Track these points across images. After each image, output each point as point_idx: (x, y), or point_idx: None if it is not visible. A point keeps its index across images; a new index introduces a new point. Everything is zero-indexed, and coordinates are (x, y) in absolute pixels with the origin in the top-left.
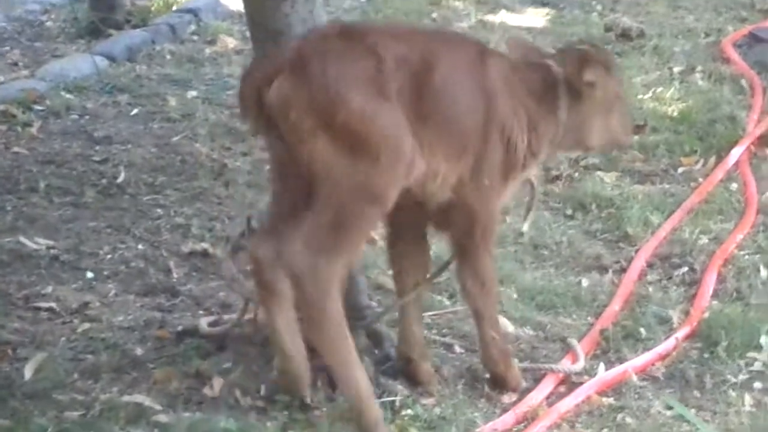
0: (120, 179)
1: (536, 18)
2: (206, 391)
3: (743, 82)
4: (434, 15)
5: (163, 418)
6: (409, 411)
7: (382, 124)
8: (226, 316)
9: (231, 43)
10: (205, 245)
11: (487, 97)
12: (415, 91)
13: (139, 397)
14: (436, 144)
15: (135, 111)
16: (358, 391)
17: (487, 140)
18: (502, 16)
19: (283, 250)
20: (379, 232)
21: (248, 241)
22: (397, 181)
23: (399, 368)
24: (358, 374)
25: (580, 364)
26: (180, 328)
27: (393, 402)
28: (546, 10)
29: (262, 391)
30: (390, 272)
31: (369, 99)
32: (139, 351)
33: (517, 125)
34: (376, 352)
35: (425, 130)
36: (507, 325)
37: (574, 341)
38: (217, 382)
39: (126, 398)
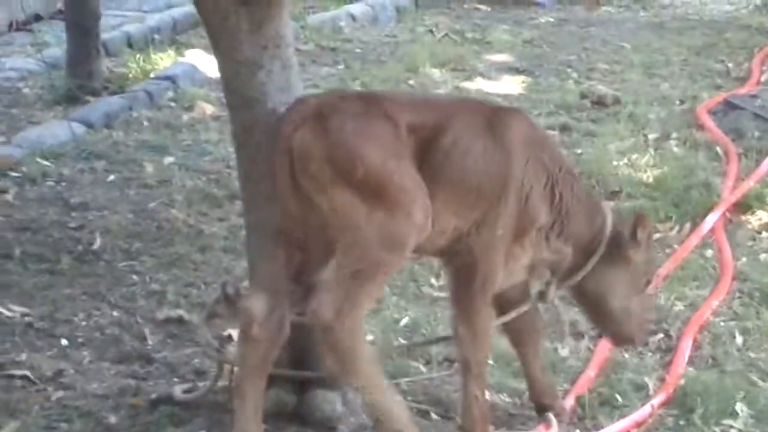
0: (96, 246)
1: (512, 85)
2: None
3: (718, 148)
4: (411, 82)
5: None
6: None
7: (399, 177)
8: (201, 383)
9: (208, 109)
10: (180, 312)
11: (502, 155)
12: (425, 154)
13: None
14: (449, 202)
15: (112, 177)
16: (402, 421)
17: (503, 195)
18: (479, 84)
19: (310, 304)
20: None
21: (223, 307)
22: (414, 229)
23: (536, 413)
24: (399, 407)
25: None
26: (154, 395)
27: None
28: (522, 77)
29: None
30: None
31: (386, 156)
32: (113, 419)
33: (536, 184)
34: (352, 420)
35: (436, 192)
36: None
37: (548, 414)
38: None
39: None
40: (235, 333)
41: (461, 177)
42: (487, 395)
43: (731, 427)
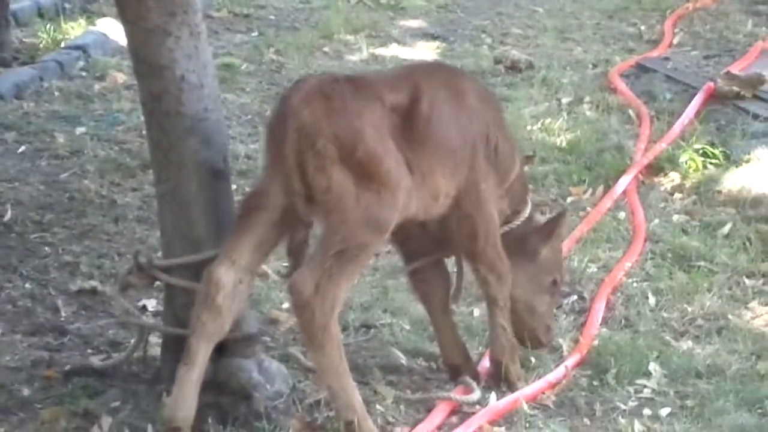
0: (6, 217)
1: (427, 51)
2: (95, 430)
3: (630, 111)
4: (326, 49)
5: None
6: None
7: (386, 163)
8: (115, 355)
9: (120, 78)
10: (94, 283)
11: (468, 115)
12: (408, 127)
13: None
14: (434, 166)
15: (22, 148)
16: (357, 407)
17: (477, 150)
18: (394, 50)
19: (291, 278)
20: (272, 266)
21: (136, 277)
22: (396, 214)
23: (450, 377)
24: (356, 393)
25: (476, 395)
26: (68, 367)
27: None
28: (436, 43)
29: (150, 430)
30: (283, 306)
31: (378, 139)
32: (26, 391)
33: (500, 134)
34: (268, 387)
35: (423, 158)
36: (399, 356)
37: (465, 377)
38: (106, 421)
39: None
40: (149, 303)
41: (441, 140)
42: (404, 360)
43: (645, 386)
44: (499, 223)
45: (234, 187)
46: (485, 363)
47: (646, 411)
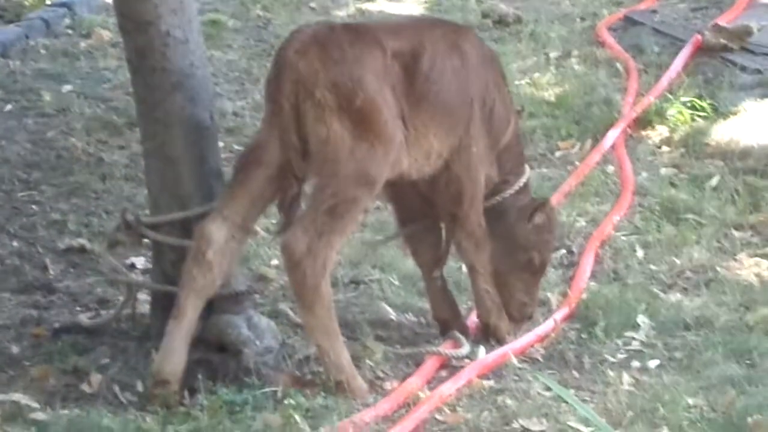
0: None
1: (414, 6)
2: (84, 387)
3: (618, 65)
4: (312, 5)
5: (40, 415)
6: (291, 401)
7: (385, 114)
8: (104, 312)
9: (106, 36)
10: (82, 241)
11: (468, 74)
12: (408, 79)
13: (16, 396)
14: (429, 124)
15: (8, 107)
16: (346, 366)
17: (473, 112)
18: (381, 5)
19: (284, 236)
20: (261, 223)
21: (124, 235)
22: (387, 169)
23: (440, 332)
24: (345, 352)
25: (465, 349)
26: (57, 325)
27: (275, 392)
28: None
29: (140, 386)
30: (272, 263)
31: (379, 88)
32: (15, 349)
33: (497, 97)
34: (257, 343)
35: (418, 114)
36: (389, 312)
37: (454, 332)
38: (95, 378)
39: (2, 397)
40: (137, 261)
41: (440, 98)
42: (393, 315)
43: (633, 338)
44: (485, 189)
45: (221, 144)
46: (474, 317)
47: (635, 363)
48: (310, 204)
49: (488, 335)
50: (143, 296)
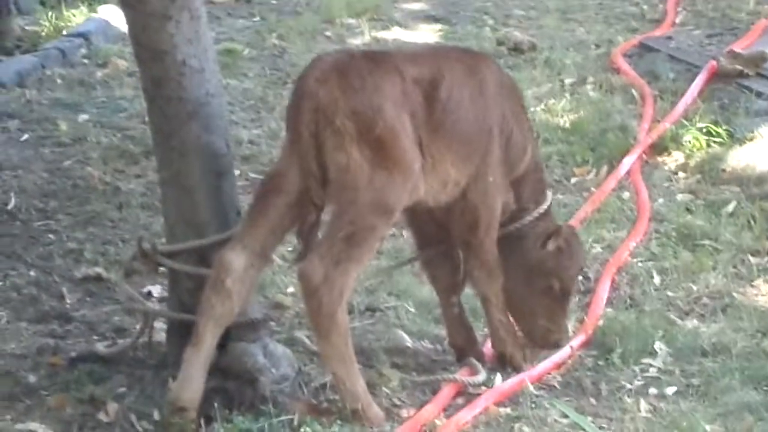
0: (11, 205)
1: (429, 34)
2: (101, 416)
3: (634, 91)
4: (328, 33)
5: None
6: (307, 429)
7: (404, 142)
8: (120, 341)
9: (122, 65)
10: (98, 270)
11: (486, 103)
12: (427, 108)
13: (33, 425)
14: (445, 153)
15: (25, 136)
16: (361, 394)
17: (491, 141)
18: (396, 33)
19: (301, 264)
20: (277, 251)
21: (140, 263)
22: (405, 197)
23: (456, 359)
24: (360, 380)
25: (482, 377)
26: (74, 353)
27: (291, 420)
28: (438, 25)
29: (156, 415)
30: (288, 290)
31: (398, 115)
32: (32, 378)
33: (515, 125)
34: (273, 371)
35: (435, 142)
36: (405, 339)
37: (471, 359)
38: (112, 407)
39: (20, 426)
40: (154, 289)
41: (457, 127)
42: (409, 342)
43: (650, 365)
44: (502, 216)
45: (237, 172)
46: (489, 344)
47: (652, 390)
48: (328, 231)
49: (504, 364)
50: (159, 324)
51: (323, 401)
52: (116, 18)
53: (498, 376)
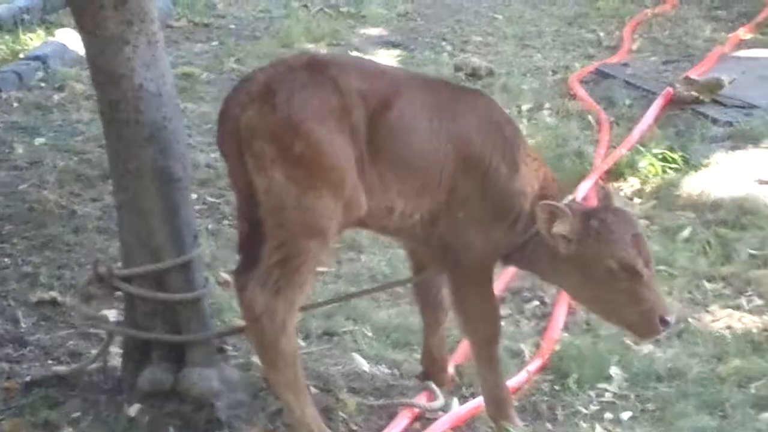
0: None
1: (388, 59)
2: None
3: (590, 117)
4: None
5: None
6: None
7: (331, 159)
8: (75, 365)
9: (79, 88)
10: (54, 294)
11: (456, 137)
12: (371, 126)
13: None
14: (390, 180)
15: None
16: (312, 422)
17: (460, 174)
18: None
19: (241, 291)
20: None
21: (96, 287)
22: (336, 217)
23: (420, 377)
24: (311, 407)
25: (440, 402)
26: (29, 378)
27: None
28: (397, 51)
29: None
30: None
31: (326, 133)
32: None
33: (502, 164)
34: (229, 396)
35: (378, 166)
36: (362, 363)
37: (430, 383)
38: None
39: None
40: (109, 313)
41: (407, 154)
42: (366, 366)
43: (606, 390)
44: (503, 252)
45: (194, 196)
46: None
47: (608, 415)
48: (264, 256)
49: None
50: (115, 349)
51: (279, 426)
52: (73, 42)
53: (455, 401)
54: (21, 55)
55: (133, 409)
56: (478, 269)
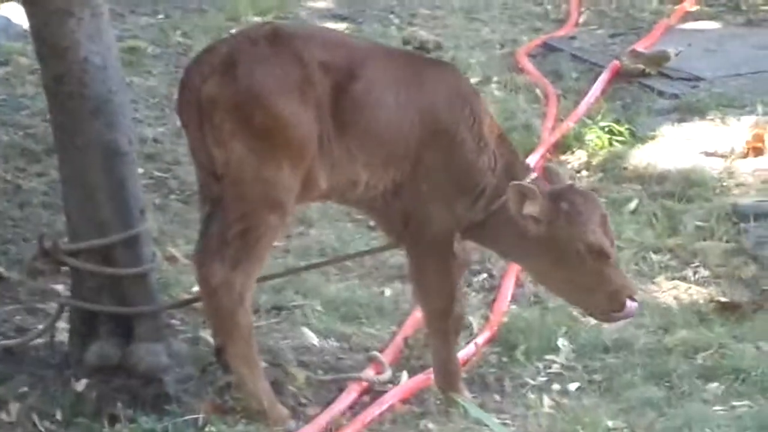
0: None
1: None
2: (3, 416)
3: (537, 90)
4: (233, 31)
5: None
6: (212, 428)
7: (291, 131)
8: (21, 339)
9: (24, 62)
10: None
11: (423, 109)
12: (336, 98)
13: None
14: (356, 152)
15: None
16: (264, 395)
17: (424, 149)
18: None
19: (199, 265)
20: (181, 250)
21: (43, 262)
22: (296, 190)
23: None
24: (263, 380)
25: (388, 374)
26: None
27: (196, 420)
28: (345, 24)
29: (59, 415)
30: (193, 290)
31: (287, 105)
32: None
33: (468, 136)
34: (178, 371)
35: (344, 138)
36: (311, 337)
37: (377, 354)
38: (14, 407)
39: None
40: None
41: (373, 127)
42: (316, 340)
43: (553, 361)
44: (460, 226)
45: (141, 170)
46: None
47: (555, 386)
48: (221, 228)
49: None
50: (62, 324)
51: (228, 400)
52: (18, 15)
53: (404, 374)
54: None
55: (80, 384)
56: (438, 242)
